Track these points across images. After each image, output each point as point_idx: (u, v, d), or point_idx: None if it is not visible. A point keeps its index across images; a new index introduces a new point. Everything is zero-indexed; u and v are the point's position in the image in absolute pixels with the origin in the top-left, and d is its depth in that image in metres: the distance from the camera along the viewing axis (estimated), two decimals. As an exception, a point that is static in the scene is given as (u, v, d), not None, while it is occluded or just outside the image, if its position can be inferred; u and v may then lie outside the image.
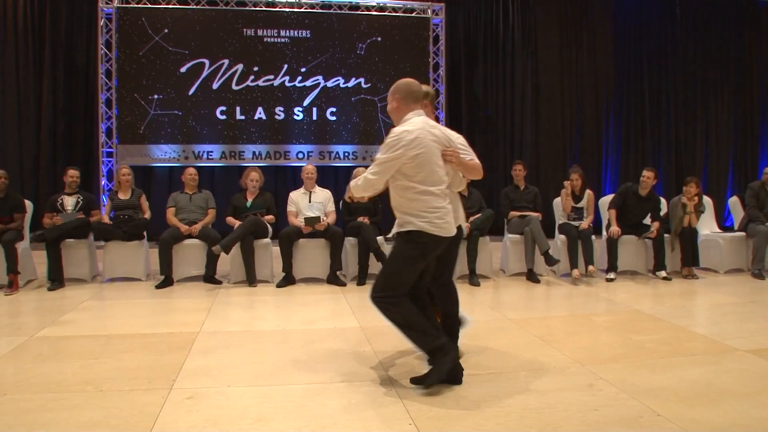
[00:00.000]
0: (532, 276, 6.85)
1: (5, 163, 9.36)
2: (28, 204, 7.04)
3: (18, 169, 10.06)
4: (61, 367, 3.86)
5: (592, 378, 3.52)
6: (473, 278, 6.66)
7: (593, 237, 6.92)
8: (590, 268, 6.77)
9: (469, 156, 3.82)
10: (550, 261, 6.64)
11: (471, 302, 5.84)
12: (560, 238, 7.16)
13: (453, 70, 11.34)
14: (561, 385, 3.42)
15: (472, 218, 6.82)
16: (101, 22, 10.25)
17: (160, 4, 10.41)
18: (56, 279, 6.55)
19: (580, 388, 3.37)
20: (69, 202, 6.97)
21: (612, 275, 6.85)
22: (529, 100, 11.51)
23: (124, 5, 10.32)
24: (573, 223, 7.09)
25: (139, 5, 10.36)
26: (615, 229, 6.93)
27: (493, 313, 5.37)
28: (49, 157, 10.44)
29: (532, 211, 7.18)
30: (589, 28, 11.73)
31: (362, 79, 10.78)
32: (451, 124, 11.22)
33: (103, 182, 10.34)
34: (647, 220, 7.21)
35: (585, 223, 7.00)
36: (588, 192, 7.26)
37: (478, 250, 6.77)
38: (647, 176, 7.08)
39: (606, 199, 7.55)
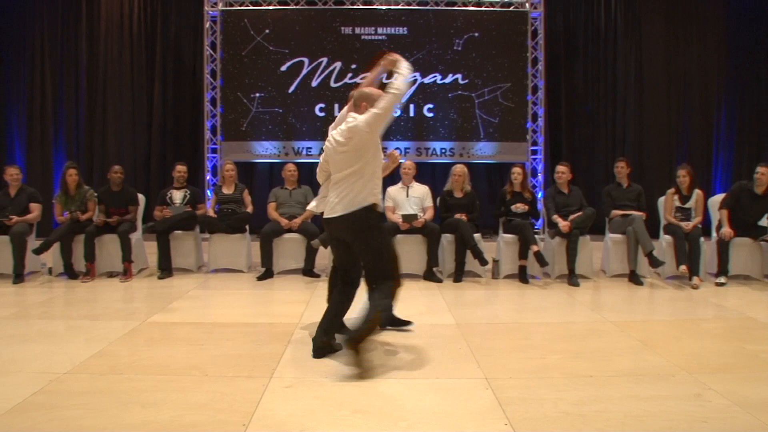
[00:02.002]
0: (634, 278, 6.59)
1: (121, 159, 9.99)
2: (141, 197, 7.47)
3: (131, 164, 10.70)
4: (170, 351, 4.08)
5: (700, 387, 3.34)
6: (573, 278, 6.49)
7: (702, 239, 6.57)
8: (696, 279, 6.37)
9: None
10: (655, 262, 6.35)
11: (570, 303, 5.70)
12: (665, 239, 6.85)
13: (552, 64, 11.06)
14: (664, 392, 3.27)
15: (572, 216, 6.65)
16: (207, 25, 10.70)
17: (261, 5, 10.74)
18: (165, 268, 6.93)
19: (686, 397, 3.21)
20: (177, 195, 7.32)
21: (722, 279, 6.45)
22: (633, 94, 11.05)
23: (228, 8, 10.72)
24: (680, 224, 6.75)
25: (242, 7, 10.73)
26: (727, 230, 6.53)
27: (593, 314, 5.22)
28: (159, 153, 11.04)
29: (635, 210, 6.91)
30: (699, 16, 11.06)
31: (459, 75, 10.71)
32: (550, 119, 11.01)
33: (208, 177, 10.81)
34: (763, 221, 6.75)
35: (693, 224, 6.66)
36: (697, 191, 6.89)
37: (578, 250, 6.58)
38: (762, 173, 6.62)
39: (716, 199, 7.12)
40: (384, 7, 10.74)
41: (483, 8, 10.73)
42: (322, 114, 10.76)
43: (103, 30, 10.91)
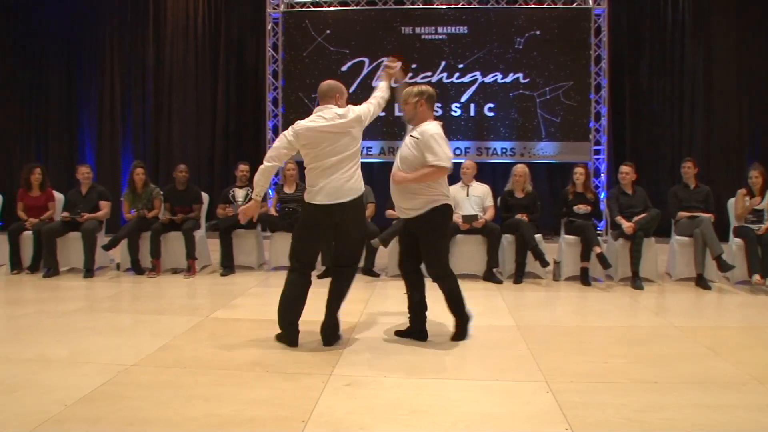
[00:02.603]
0: (702, 282, 6.37)
1: (185, 158, 10.27)
2: (205, 196, 7.67)
3: (196, 164, 10.98)
4: (232, 346, 4.18)
5: (772, 397, 3.22)
6: (636, 281, 6.33)
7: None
8: None
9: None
10: (724, 266, 6.12)
11: (633, 306, 5.57)
12: (735, 242, 6.61)
13: (616, 62, 10.79)
14: (734, 402, 3.15)
15: (636, 218, 6.49)
16: (269, 27, 10.90)
17: (322, 6, 10.86)
18: (228, 266, 7.09)
19: (758, 407, 3.08)
20: (240, 194, 7.49)
21: (798, 284, 6.20)
22: (701, 92, 10.67)
23: (289, 9, 10.89)
24: (751, 226, 6.50)
25: (303, 9, 10.88)
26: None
27: (657, 319, 5.08)
28: (222, 153, 11.32)
29: (703, 211, 6.68)
30: (773, 11, 10.65)
31: (521, 75, 10.58)
32: (614, 118, 10.76)
33: (270, 176, 10.97)
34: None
35: (766, 227, 6.40)
36: (770, 192, 6.64)
37: (643, 252, 6.41)
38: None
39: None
40: (444, 6, 10.71)
41: (545, 6, 10.56)
42: (382, 114, 10.68)
43: (169, 33, 11.29)
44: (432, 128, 4.14)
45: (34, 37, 11.55)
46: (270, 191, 10.33)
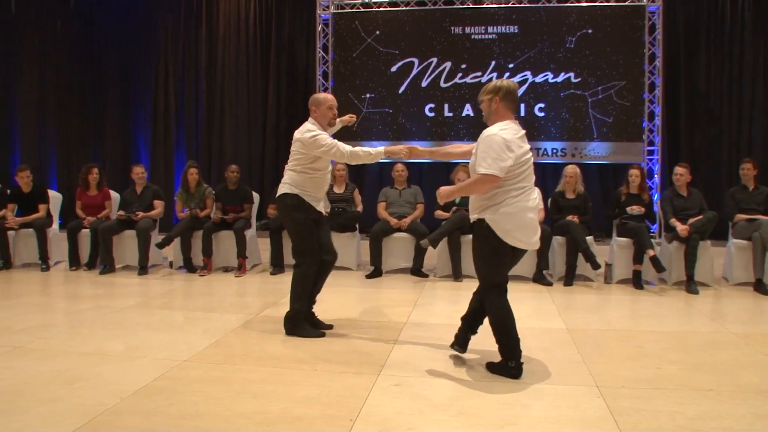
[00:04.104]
0: (761, 287, 6.18)
1: (237, 158, 10.46)
2: (256, 196, 7.80)
3: (247, 164, 11.18)
4: (281, 345, 4.27)
5: (836, 408, 3.11)
6: (691, 285, 6.18)
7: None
8: None
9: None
10: (785, 271, 5.95)
11: (687, 311, 5.45)
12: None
13: (671, 60, 10.53)
14: (796, 412, 3.07)
15: (692, 220, 6.35)
16: (319, 28, 10.99)
17: (372, 7, 10.91)
18: (278, 264, 7.20)
19: (819, 417, 3.00)
20: (290, 194, 7.57)
21: None
22: (761, 91, 10.31)
23: (339, 11, 10.97)
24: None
25: (353, 10, 10.95)
26: None
27: (713, 324, 4.96)
28: (273, 153, 11.48)
29: (762, 214, 6.48)
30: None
31: (572, 74, 10.43)
32: (668, 118, 10.50)
33: (319, 176, 11.08)
34: None
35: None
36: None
37: (698, 255, 6.25)
38: None
39: None
40: (494, 6, 10.63)
41: (597, 3, 10.39)
42: (431, 114, 10.80)
43: (221, 35, 11.53)
44: (493, 130, 3.58)
45: (93, 42, 11.99)
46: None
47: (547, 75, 10.49)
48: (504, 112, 3.68)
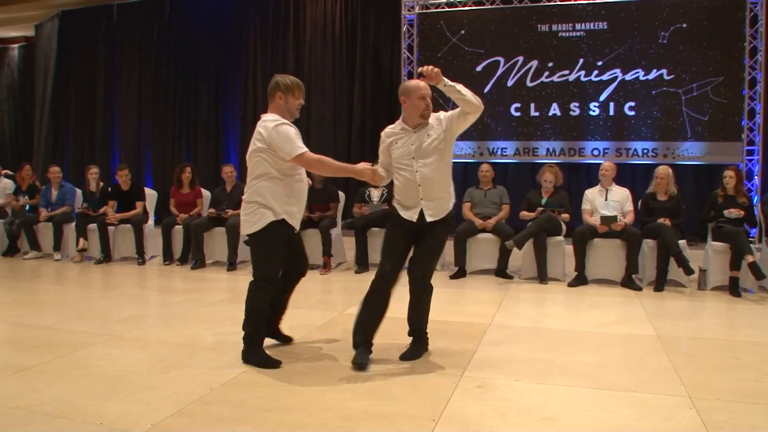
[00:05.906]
0: None
1: (323, 159, 10.65)
2: (341, 195, 7.95)
3: (333, 164, 11.36)
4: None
5: None
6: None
7: None
8: None
9: None
10: None
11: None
12: None
13: (774, 54, 10.02)
14: None
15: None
16: (404, 29, 11.06)
17: (457, 6, 10.88)
18: (362, 263, 7.32)
19: None
20: (375, 194, 7.69)
21: None
22: None
23: (424, 11, 11.00)
24: None
25: (438, 10, 10.95)
26: None
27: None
28: (358, 153, 11.60)
29: None
30: None
31: (664, 71, 10.04)
32: (770, 116, 9.96)
33: (403, 176, 11.17)
34: None
35: None
36: None
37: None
38: None
39: None
40: (583, 2, 10.38)
41: (693, -4, 9.98)
42: (517, 114, 10.67)
43: (308, 37, 11.82)
44: None
45: (186, 47, 12.54)
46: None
47: (637, 72, 10.15)
48: None
